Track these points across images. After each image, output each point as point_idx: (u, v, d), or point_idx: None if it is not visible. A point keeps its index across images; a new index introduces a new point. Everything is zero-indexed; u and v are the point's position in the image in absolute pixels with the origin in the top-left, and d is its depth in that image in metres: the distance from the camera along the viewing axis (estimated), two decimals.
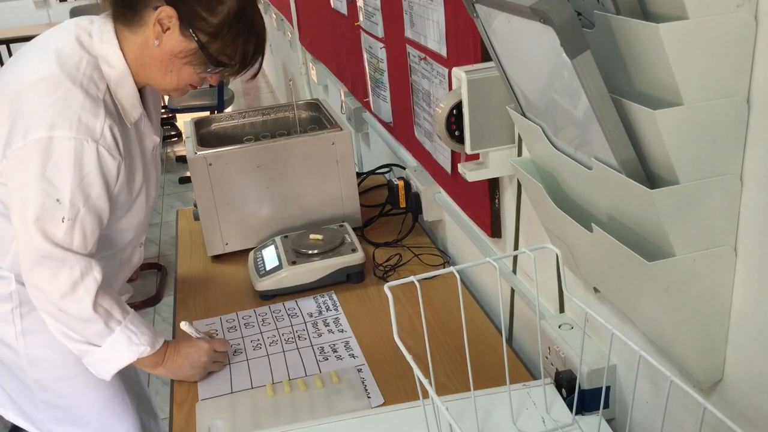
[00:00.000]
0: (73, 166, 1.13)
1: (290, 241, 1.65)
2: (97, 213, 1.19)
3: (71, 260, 1.17)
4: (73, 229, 1.16)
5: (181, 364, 1.30)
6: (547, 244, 0.94)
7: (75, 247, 1.17)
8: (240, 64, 1.23)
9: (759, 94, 0.68)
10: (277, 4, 4.41)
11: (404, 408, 1.06)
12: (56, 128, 1.11)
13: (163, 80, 1.23)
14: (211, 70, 1.22)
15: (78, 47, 1.19)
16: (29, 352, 1.35)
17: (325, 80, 3.22)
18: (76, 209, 1.15)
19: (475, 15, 0.90)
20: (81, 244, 1.18)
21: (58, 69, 1.15)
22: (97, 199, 1.18)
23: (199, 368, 1.30)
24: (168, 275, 3.49)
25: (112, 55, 1.19)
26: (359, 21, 2.10)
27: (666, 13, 0.69)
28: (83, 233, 1.18)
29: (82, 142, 1.13)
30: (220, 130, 1.98)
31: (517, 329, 1.43)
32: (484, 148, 1.18)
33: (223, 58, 1.20)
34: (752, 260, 0.74)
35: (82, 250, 1.18)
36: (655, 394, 0.97)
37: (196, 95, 4.98)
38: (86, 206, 1.16)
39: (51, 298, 1.18)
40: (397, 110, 1.89)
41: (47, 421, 1.42)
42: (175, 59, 1.19)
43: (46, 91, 1.13)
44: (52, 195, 1.13)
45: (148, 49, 1.18)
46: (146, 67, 1.21)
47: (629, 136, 0.74)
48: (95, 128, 1.14)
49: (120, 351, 1.24)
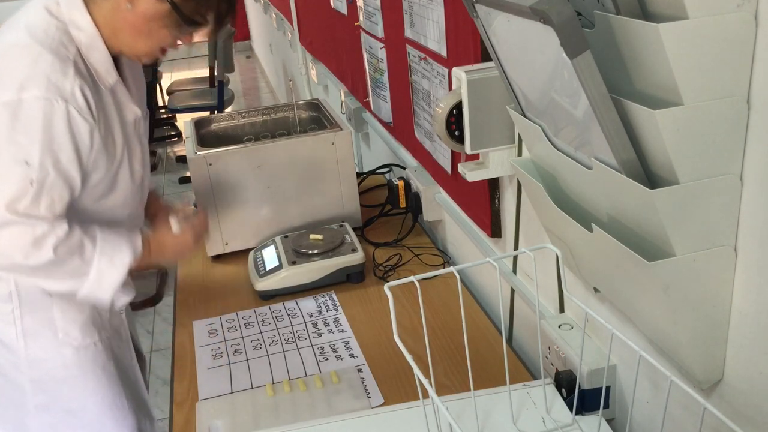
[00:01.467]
0: (42, 126, 1.12)
1: (290, 241, 1.65)
2: (66, 180, 1.18)
3: (35, 222, 1.16)
4: (41, 193, 1.15)
5: (167, 256, 1.37)
6: (547, 244, 0.94)
7: (42, 212, 1.17)
8: (214, 23, 1.24)
9: (759, 94, 0.68)
10: (277, 4, 4.41)
11: (404, 408, 1.06)
12: (25, 90, 1.11)
13: (137, 44, 1.22)
14: (185, 31, 1.23)
15: (47, 15, 1.19)
16: (29, 353, 1.35)
17: (325, 80, 3.22)
18: (45, 172, 1.14)
19: (475, 15, 0.90)
20: (48, 209, 1.17)
21: (28, 37, 1.15)
22: (67, 163, 1.17)
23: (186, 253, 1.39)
24: (168, 275, 3.49)
25: (80, 19, 1.19)
26: (359, 21, 2.10)
27: (666, 13, 0.69)
28: (51, 198, 1.17)
29: (51, 102, 1.12)
30: (220, 130, 1.98)
31: (517, 329, 1.43)
32: (484, 148, 1.18)
33: (197, 18, 1.20)
34: (752, 260, 0.74)
35: (48, 214, 1.17)
36: (655, 394, 0.97)
37: (196, 95, 4.98)
38: (56, 170, 1.15)
39: (16, 260, 1.18)
40: (397, 110, 1.89)
41: (38, 429, 1.42)
42: (149, 22, 1.19)
43: (16, 55, 1.14)
44: (20, 157, 1.12)
45: (120, 12, 1.18)
46: (119, 32, 1.21)
47: (629, 136, 0.73)
48: (64, 87, 1.14)
49: (108, 274, 1.25)
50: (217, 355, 1.39)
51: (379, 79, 2.01)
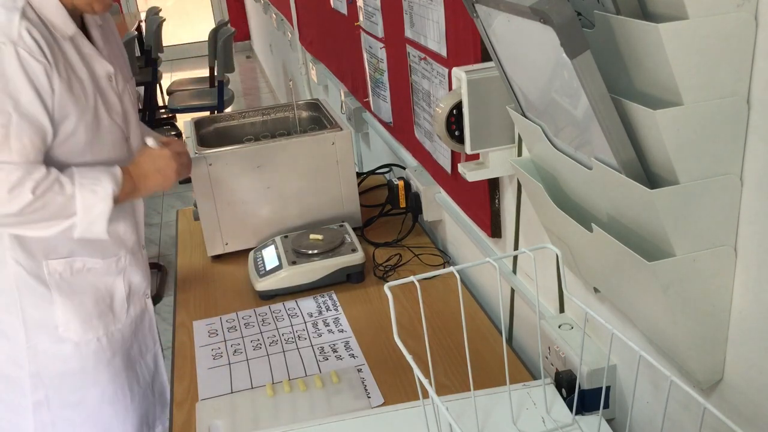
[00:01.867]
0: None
1: (290, 241, 1.65)
2: (33, 123, 1.19)
3: (10, 169, 1.18)
4: (9, 138, 1.17)
5: (153, 180, 1.36)
6: (547, 244, 0.94)
7: (14, 157, 1.18)
8: None
9: (759, 94, 0.68)
10: (277, 4, 4.41)
11: (404, 408, 1.06)
12: None
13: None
14: None
15: None
16: (30, 345, 1.35)
17: (325, 80, 3.22)
18: (7, 116, 1.16)
19: (475, 15, 0.90)
20: (20, 154, 1.18)
21: None
22: (28, 105, 1.18)
23: (173, 175, 1.38)
24: (168, 275, 3.50)
25: None
26: (359, 21, 2.10)
27: (666, 13, 0.69)
28: (21, 143, 1.18)
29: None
30: (220, 130, 1.98)
31: (517, 329, 1.43)
32: (484, 148, 1.18)
33: None
34: (752, 260, 0.74)
35: (21, 159, 1.19)
36: (655, 394, 0.97)
37: (196, 95, 4.98)
38: (17, 113, 1.17)
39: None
40: (397, 110, 1.89)
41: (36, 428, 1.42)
42: None
43: None
44: None
45: None
46: None
47: (629, 136, 0.74)
48: (11, 31, 1.16)
49: (94, 206, 1.26)
50: (217, 355, 1.39)
51: (379, 79, 2.01)
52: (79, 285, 1.39)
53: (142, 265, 1.54)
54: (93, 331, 1.41)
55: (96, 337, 1.42)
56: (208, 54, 4.95)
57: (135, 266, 1.50)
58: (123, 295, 1.47)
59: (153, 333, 1.61)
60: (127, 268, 1.48)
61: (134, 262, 1.50)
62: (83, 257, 1.39)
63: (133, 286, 1.51)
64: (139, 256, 1.53)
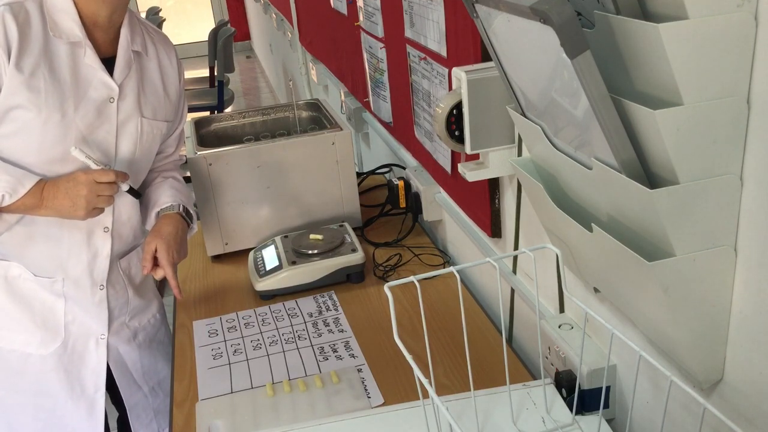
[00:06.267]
0: None
1: (290, 241, 1.65)
2: None
3: None
4: None
5: (61, 201, 1.25)
6: (547, 244, 0.94)
7: None
8: None
9: (759, 94, 0.68)
10: (277, 4, 4.41)
11: (404, 408, 1.06)
12: None
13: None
14: None
15: None
16: None
17: (325, 80, 3.22)
18: None
19: (475, 15, 0.90)
20: None
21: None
22: None
23: (81, 202, 1.25)
24: None
25: None
26: (359, 21, 2.10)
27: (666, 13, 0.69)
28: None
29: None
30: (220, 130, 1.98)
31: (517, 329, 1.43)
32: (484, 148, 1.18)
33: None
34: (752, 260, 0.74)
35: None
36: (655, 394, 0.97)
37: (196, 95, 4.98)
38: None
39: None
40: (397, 110, 1.89)
41: None
42: None
43: None
44: None
45: None
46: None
47: (629, 136, 0.73)
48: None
49: None
50: (217, 355, 1.39)
51: (379, 79, 2.01)
52: (16, 293, 1.39)
53: (95, 306, 1.44)
54: (36, 347, 1.41)
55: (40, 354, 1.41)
56: (208, 54, 4.95)
57: (84, 303, 1.43)
58: (61, 321, 1.42)
59: (98, 378, 1.48)
60: (71, 298, 1.41)
61: (82, 299, 1.42)
62: (19, 264, 1.37)
63: (78, 321, 1.43)
64: (94, 294, 1.44)
